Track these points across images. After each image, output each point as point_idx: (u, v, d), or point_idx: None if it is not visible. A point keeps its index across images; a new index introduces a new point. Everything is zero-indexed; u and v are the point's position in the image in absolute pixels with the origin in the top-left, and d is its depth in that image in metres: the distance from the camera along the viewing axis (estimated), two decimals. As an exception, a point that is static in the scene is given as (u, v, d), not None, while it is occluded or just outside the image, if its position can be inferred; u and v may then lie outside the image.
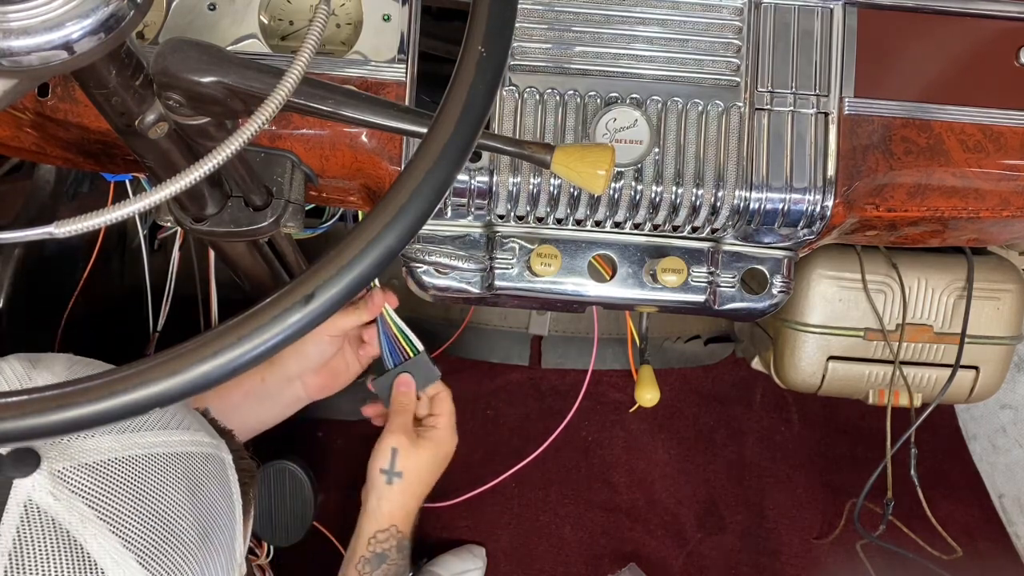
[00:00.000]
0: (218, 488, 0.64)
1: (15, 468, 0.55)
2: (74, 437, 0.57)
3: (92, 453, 0.57)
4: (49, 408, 0.46)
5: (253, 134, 0.49)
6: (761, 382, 1.61)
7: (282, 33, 0.81)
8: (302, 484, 1.24)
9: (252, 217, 0.72)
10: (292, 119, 0.77)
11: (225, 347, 0.46)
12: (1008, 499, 1.56)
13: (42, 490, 0.55)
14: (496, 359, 1.61)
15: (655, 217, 0.82)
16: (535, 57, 0.80)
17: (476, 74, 0.51)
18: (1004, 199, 0.83)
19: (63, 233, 0.48)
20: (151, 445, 0.60)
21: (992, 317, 1.17)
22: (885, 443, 1.17)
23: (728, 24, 0.81)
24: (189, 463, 0.62)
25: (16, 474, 0.55)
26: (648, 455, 1.58)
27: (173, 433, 0.62)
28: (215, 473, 0.64)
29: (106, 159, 0.84)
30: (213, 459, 0.65)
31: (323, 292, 0.47)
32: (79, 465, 0.57)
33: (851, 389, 1.21)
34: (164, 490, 0.59)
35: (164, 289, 1.22)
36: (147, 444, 0.60)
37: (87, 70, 0.50)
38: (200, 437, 0.64)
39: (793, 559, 1.53)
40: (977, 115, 0.81)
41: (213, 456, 0.65)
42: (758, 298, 0.87)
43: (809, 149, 0.80)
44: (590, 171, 0.58)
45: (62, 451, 0.56)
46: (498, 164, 0.80)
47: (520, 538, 1.51)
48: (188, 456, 0.62)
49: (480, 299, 0.88)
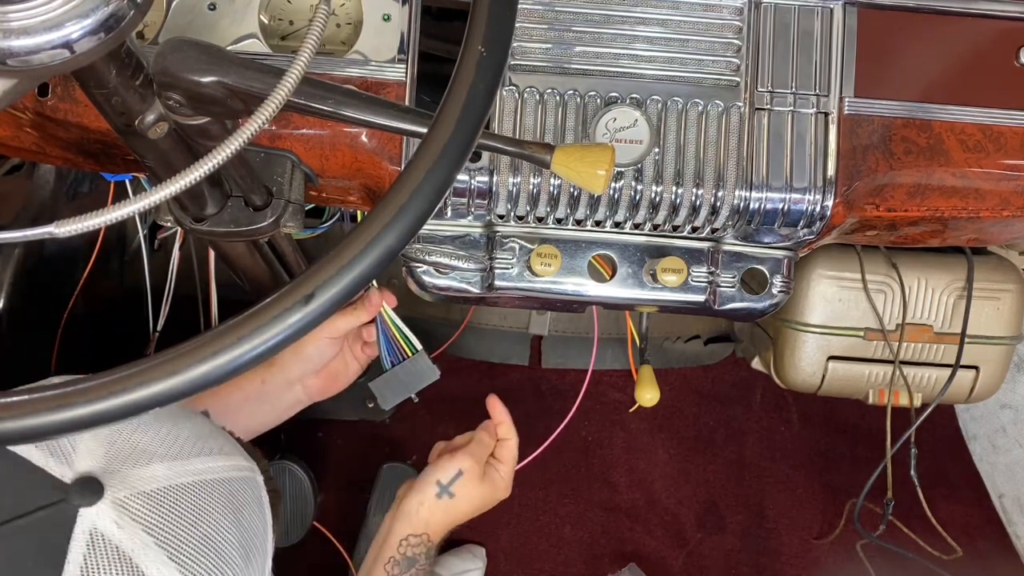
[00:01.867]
0: (256, 511, 0.66)
1: (81, 497, 0.56)
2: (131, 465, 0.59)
3: (149, 481, 0.59)
4: (49, 408, 0.46)
5: (253, 134, 0.49)
6: (761, 382, 1.61)
7: (282, 33, 0.81)
8: (302, 484, 1.24)
9: (252, 217, 0.72)
10: (292, 119, 0.77)
11: (225, 347, 0.46)
12: (1008, 499, 1.56)
13: (106, 519, 0.56)
14: (496, 359, 1.61)
15: (655, 217, 0.82)
16: (535, 57, 0.80)
17: (476, 74, 0.51)
18: (1004, 199, 0.83)
19: (63, 233, 0.48)
20: (199, 472, 0.62)
21: (992, 317, 1.17)
22: (885, 443, 1.17)
23: (728, 24, 0.81)
24: (232, 488, 0.63)
25: (83, 502, 0.56)
26: (648, 455, 1.58)
27: (217, 459, 0.64)
28: (253, 496, 0.66)
29: (106, 159, 0.84)
30: (251, 482, 0.66)
31: (323, 292, 0.47)
32: (138, 493, 0.58)
33: (851, 389, 1.21)
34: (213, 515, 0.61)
35: (164, 289, 1.22)
36: (196, 471, 0.61)
37: (87, 70, 0.50)
38: (238, 462, 0.66)
39: (793, 559, 1.53)
40: (977, 115, 0.81)
41: (250, 479, 0.66)
42: (758, 298, 0.87)
43: (809, 149, 0.80)
44: (590, 171, 0.58)
45: (122, 480, 0.58)
46: (498, 164, 0.80)
47: (520, 538, 1.51)
48: (231, 481, 0.64)
49: (480, 299, 0.88)
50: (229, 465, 0.64)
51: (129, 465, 0.59)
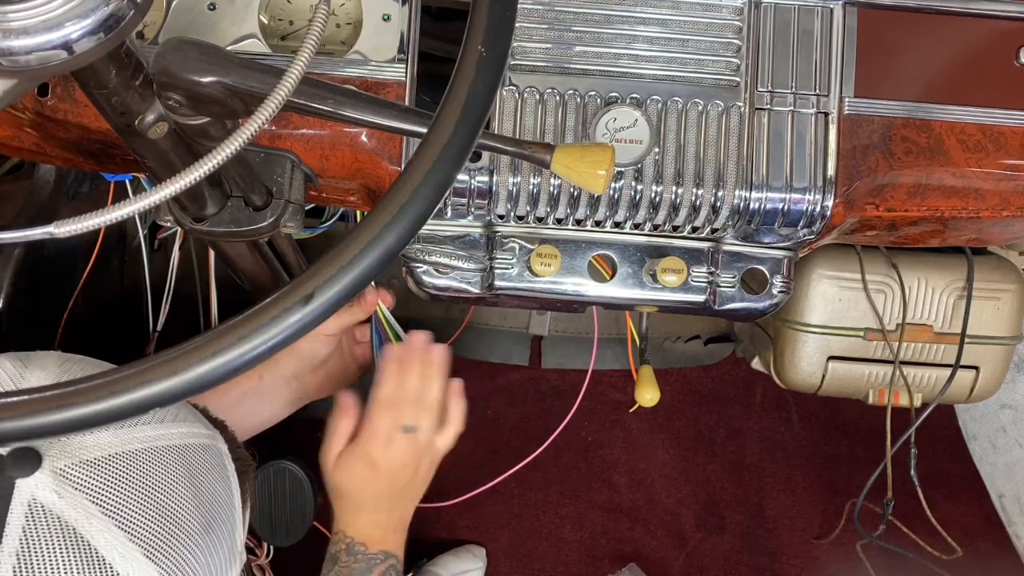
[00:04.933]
0: (218, 478, 0.64)
1: (17, 468, 0.54)
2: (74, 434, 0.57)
3: (92, 449, 0.57)
4: (49, 408, 0.46)
5: (253, 134, 0.49)
6: (761, 382, 1.61)
7: (282, 33, 0.81)
8: (302, 484, 1.24)
9: (252, 217, 0.72)
10: (292, 119, 0.77)
11: (225, 347, 0.46)
12: (1008, 499, 1.56)
13: (45, 488, 0.55)
14: (496, 359, 1.61)
15: (655, 217, 0.82)
16: (535, 57, 0.80)
17: (476, 74, 0.51)
18: (1004, 199, 0.83)
19: (63, 233, 0.48)
20: (150, 439, 0.60)
21: (992, 317, 1.17)
22: (885, 443, 1.17)
23: (728, 24, 0.81)
24: (188, 455, 0.62)
25: (18, 474, 0.55)
26: (648, 455, 1.58)
27: (170, 426, 0.62)
28: (214, 463, 0.64)
29: (106, 159, 0.84)
30: (210, 449, 0.65)
31: (323, 292, 0.47)
32: (81, 462, 0.56)
33: (851, 389, 1.21)
34: (166, 482, 0.59)
35: (164, 289, 1.22)
36: (146, 438, 0.60)
37: (87, 70, 0.50)
38: (196, 428, 0.64)
39: (793, 559, 1.53)
40: (977, 115, 0.81)
41: (210, 447, 0.65)
42: (758, 298, 0.87)
43: (809, 149, 0.80)
44: (590, 171, 0.58)
45: (62, 448, 0.56)
46: (498, 164, 0.80)
47: (520, 538, 1.51)
48: (186, 448, 0.62)
49: (480, 299, 0.88)
50: (184, 432, 0.63)
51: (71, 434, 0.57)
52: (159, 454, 0.60)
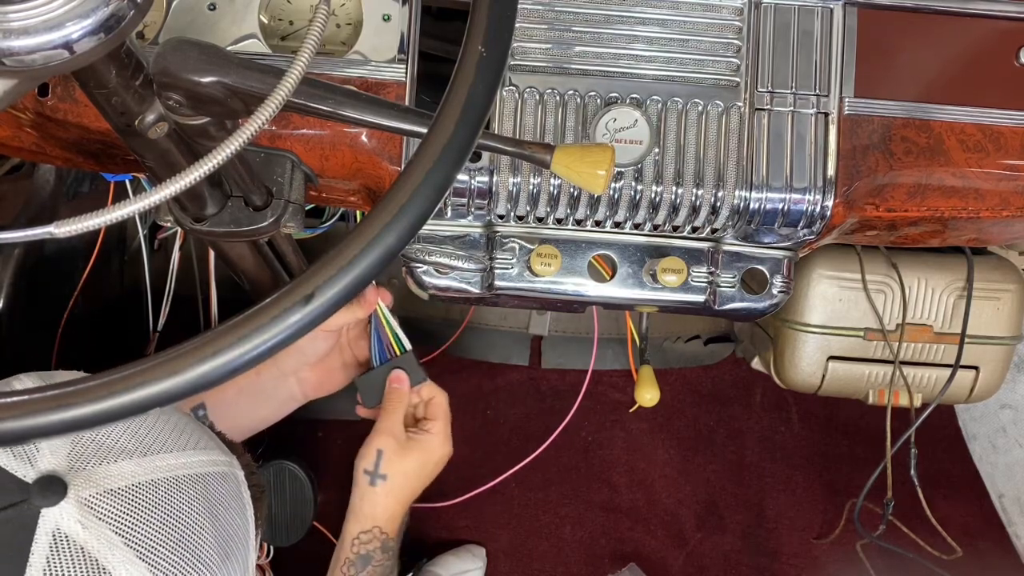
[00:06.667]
0: (235, 507, 0.64)
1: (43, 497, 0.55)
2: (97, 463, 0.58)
3: (117, 479, 0.57)
4: (49, 408, 0.46)
5: (253, 134, 0.49)
6: (761, 382, 1.60)
7: (282, 33, 0.81)
8: (302, 484, 1.24)
9: (252, 217, 0.72)
10: (292, 119, 0.77)
11: (225, 347, 0.46)
12: (1008, 499, 1.56)
13: (70, 519, 0.55)
14: (496, 359, 1.61)
15: (655, 217, 0.82)
16: (535, 57, 0.80)
17: (476, 74, 0.51)
18: (1004, 199, 0.83)
19: (63, 233, 0.48)
20: (172, 468, 0.60)
21: (992, 317, 1.17)
22: (885, 443, 1.17)
23: (728, 24, 0.81)
24: (209, 484, 0.62)
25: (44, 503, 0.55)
26: (648, 455, 1.58)
27: (192, 454, 0.62)
28: (232, 492, 0.65)
29: (106, 159, 0.84)
30: (229, 478, 0.65)
31: (323, 292, 0.47)
32: (105, 491, 0.57)
33: (851, 389, 1.21)
34: (187, 513, 0.59)
35: (164, 289, 1.22)
36: (168, 467, 0.60)
37: (87, 70, 0.50)
38: (215, 456, 0.65)
39: (793, 559, 1.53)
40: (977, 115, 0.81)
41: (229, 475, 0.65)
42: (758, 298, 0.87)
43: (809, 149, 0.80)
44: (590, 171, 0.58)
45: (87, 478, 0.57)
46: (498, 164, 0.80)
47: (520, 538, 1.51)
48: (207, 477, 0.62)
49: (480, 299, 0.88)
50: (204, 460, 0.63)
51: (95, 463, 0.58)
52: (180, 484, 0.60)
